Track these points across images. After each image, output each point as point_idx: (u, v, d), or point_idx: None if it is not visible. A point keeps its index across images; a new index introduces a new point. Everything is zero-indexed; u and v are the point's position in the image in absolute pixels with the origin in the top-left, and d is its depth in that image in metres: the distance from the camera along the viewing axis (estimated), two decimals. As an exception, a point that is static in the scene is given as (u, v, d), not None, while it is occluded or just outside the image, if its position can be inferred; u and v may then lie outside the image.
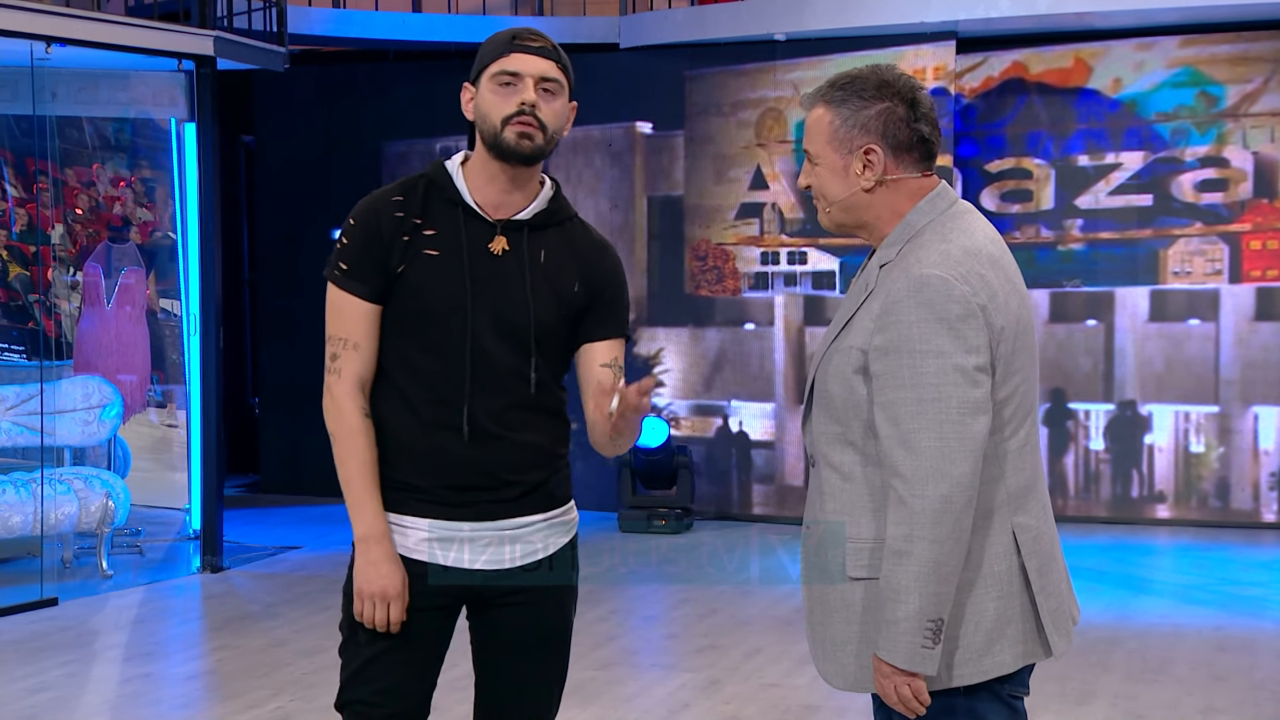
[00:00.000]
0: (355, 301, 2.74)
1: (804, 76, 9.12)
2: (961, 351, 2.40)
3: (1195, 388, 8.96)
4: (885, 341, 2.43)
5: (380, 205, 2.76)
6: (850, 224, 2.60)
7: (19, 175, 8.07)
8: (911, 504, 2.39)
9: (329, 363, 2.77)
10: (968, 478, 2.39)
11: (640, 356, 9.57)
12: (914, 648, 2.40)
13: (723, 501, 9.45)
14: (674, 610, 7.00)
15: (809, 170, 2.60)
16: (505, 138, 2.70)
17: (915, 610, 2.39)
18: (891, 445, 2.41)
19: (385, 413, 2.77)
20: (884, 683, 2.45)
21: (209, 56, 7.69)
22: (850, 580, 2.52)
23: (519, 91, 2.70)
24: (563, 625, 2.92)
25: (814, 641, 2.61)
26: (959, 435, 2.39)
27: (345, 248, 2.75)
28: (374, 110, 10.02)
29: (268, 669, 5.82)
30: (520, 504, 2.81)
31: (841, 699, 5.27)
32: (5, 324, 8.07)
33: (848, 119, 2.52)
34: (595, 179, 9.67)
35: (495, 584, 2.80)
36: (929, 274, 2.43)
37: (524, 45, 2.72)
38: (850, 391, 2.49)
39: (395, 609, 2.72)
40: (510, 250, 2.76)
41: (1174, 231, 8.98)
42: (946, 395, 2.39)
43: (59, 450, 7.85)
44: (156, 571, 7.80)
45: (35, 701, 5.38)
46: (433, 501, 2.76)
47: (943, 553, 2.38)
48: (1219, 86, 8.86)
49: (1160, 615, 6.74)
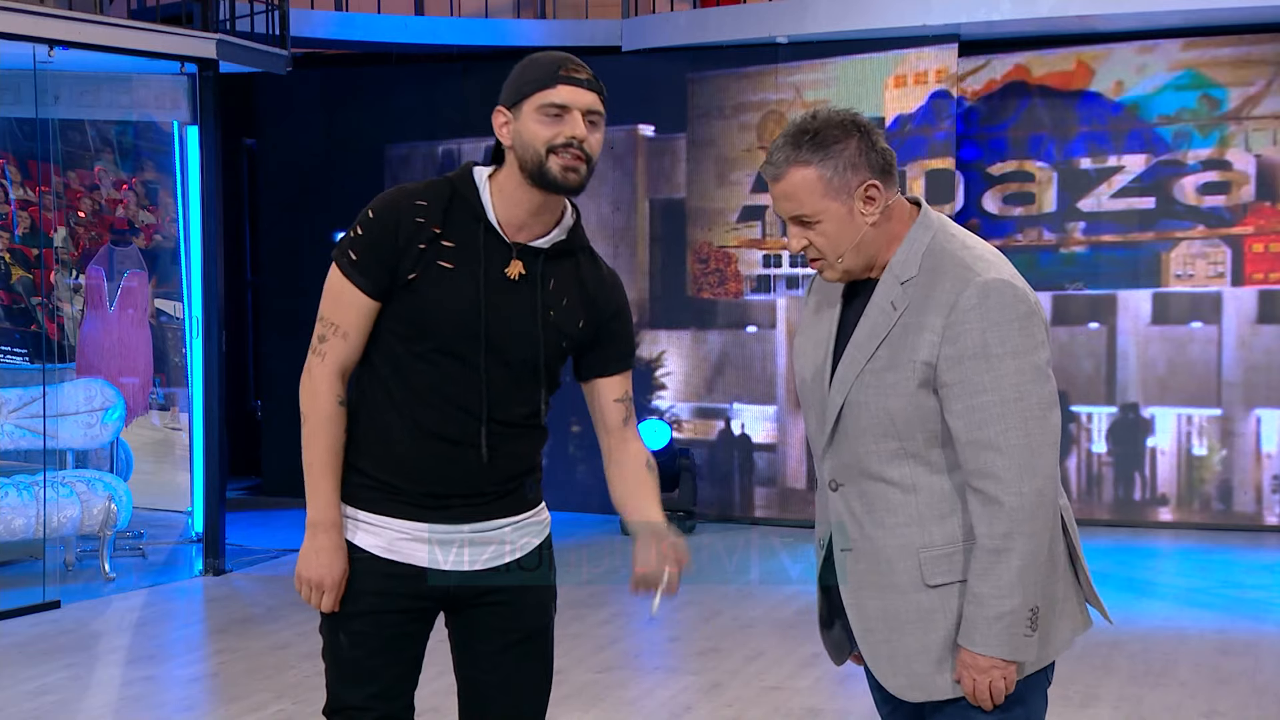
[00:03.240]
0: (355, 292, 2.73)
1: (806, 79, 9.13)
2: (1033, 349, 2.49)
3: (1197, 390, 8.95)
4: (958, 351, 2.48)
5: (403, 205, 2.73)
6: (860, 266, 2.60)
7: (22, 178, 8.07)
8: (1008, 502, 2.46)
9: (315, 343, 2.76)
10: (1053, 469, 2.49)
11: (642, 359, 9.57)
12: (1018, 639, 2.49)
13: (725, 504, 9.45)
14: (676, 613, 7.00)
15: (801, 233, 2.57)
16: (550, 168, 2.67)
17: (1020, 603, 2.48)
18: (977, 449, 2.48)
19: (364, 404, 2.78)
20: (979, 678, 2.51)
21: (211, 59, 7.70)
22: (926, 589, 2.56)
23: (566, 124, 2.67)
24: (543, 625, 2.90)
25: (881, 659, 2.62)
26: (1042, 430, 2.48)
27: (359, 238, 2.73)
28: (376, 113, 10.02)
29: (270, 672, 5.82)
30: (494, 507, 2.82)
31: (843, 701, 5.27)
32: (8, 327, 8.08)
33: (836, 166, 2.52)
34: (597, 182, 9.65)
35: (471, 584, 2.80)
36: (991, 279, 2.49)
37: (572, 77, 2.69)
38: (916, 406, 2.53)
39: (328, 598, 2.75)
40: (525, 276, 2.75)
41: (1176, 234, 8.97)
42: (1027, 393, 2.47)
43: (61, 453, 7.85)
44: (159, 574, 7.80)
45: (38, 704, 5.38)
46: (408, 503, 2.77)
47: (1039, 545, 2.48)
48: (1221, 89, 8.86)
49: (1163, 618, 6.74)
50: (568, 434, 9.44)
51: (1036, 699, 2.63)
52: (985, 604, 2.48)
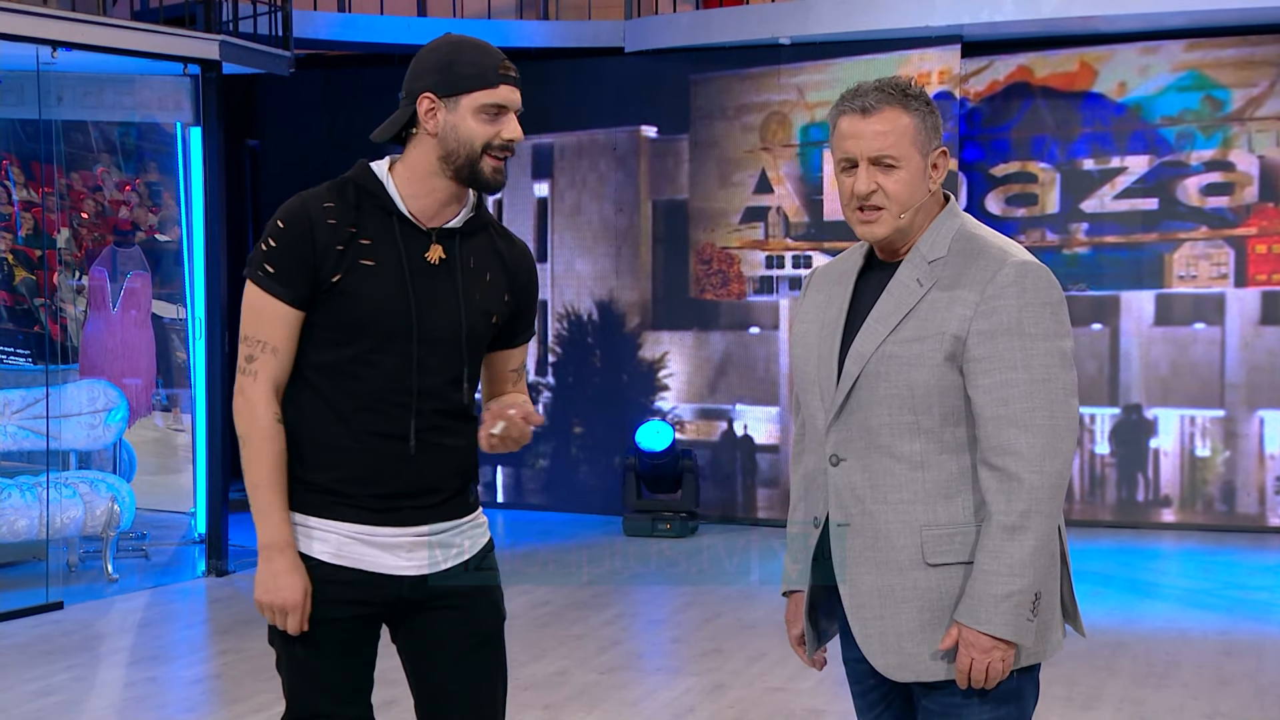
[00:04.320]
0: (278, 305, 2.69)
1: (809, 80, 9.13)
2: (1063, 335, 2.53)
3: (1201, 392, 8.95)
4: (992, 326, 2.50)
5: (312, 210, 2.69)
6: (907, 231, 2.60)
7: (25, 179, 8.08)
8: (1030, 480, 2.46)
9: (243, 364, 2.72)
10: (1071, 455, 2.51)
11: (645, 360, 9.57)
12: (1022, 620, 2.48)
13: (727, 505, 9.44)
14: (679, 614, 7.00)
15: (874, 176, 2.56)
16: (483, 168, 2.69)
17: (1029, 584, 2.47)
18: (1001, 425, 2.48)
19: (302, 418, 2.73)
20: (979, 657, 2.49)
21: (214, 61, 7.70)
22: (926, 567, 2.55)
23: (503, 124, 2.69)
24: (497, 626, 2.88)
25: (869, 637, 2.60)
26: (1066, 414, 2.50)
27: (272, 250, 2.69)
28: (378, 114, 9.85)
29: (272, 673, 5.78)
30: (442, 510, 2.79)
31: (846, 704, 5.26)
32: (11, 328, 8.08)
33: (926, 122, 2.57)
34: (600, 183, 9.68)
35: (425, 588, 2.77)
36: (1029, 261, 2.54)
37: (509, 76, 2.70)
38: (939, 378, 2.53)
39: (293, 620, 2.70)
40: (445, 260, 2.74)
41: (1179, 235, 8.97)
42: (1054, 376, 2.50)
43: (64, 454, 7.86)
44: (161, 575, 7.80)
45: (41, 705, 5.39)
46: (356, 507, 2.73)
47: (1053, 527, 2.49)
48: (1224, 90, 8.86)
49: (1166, 619, 6.73)
50: (569, 435, 9.44)
51: (1028, 697, 2.61)
52: (994, 581, 2.46)
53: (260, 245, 2.71)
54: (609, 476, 9.48)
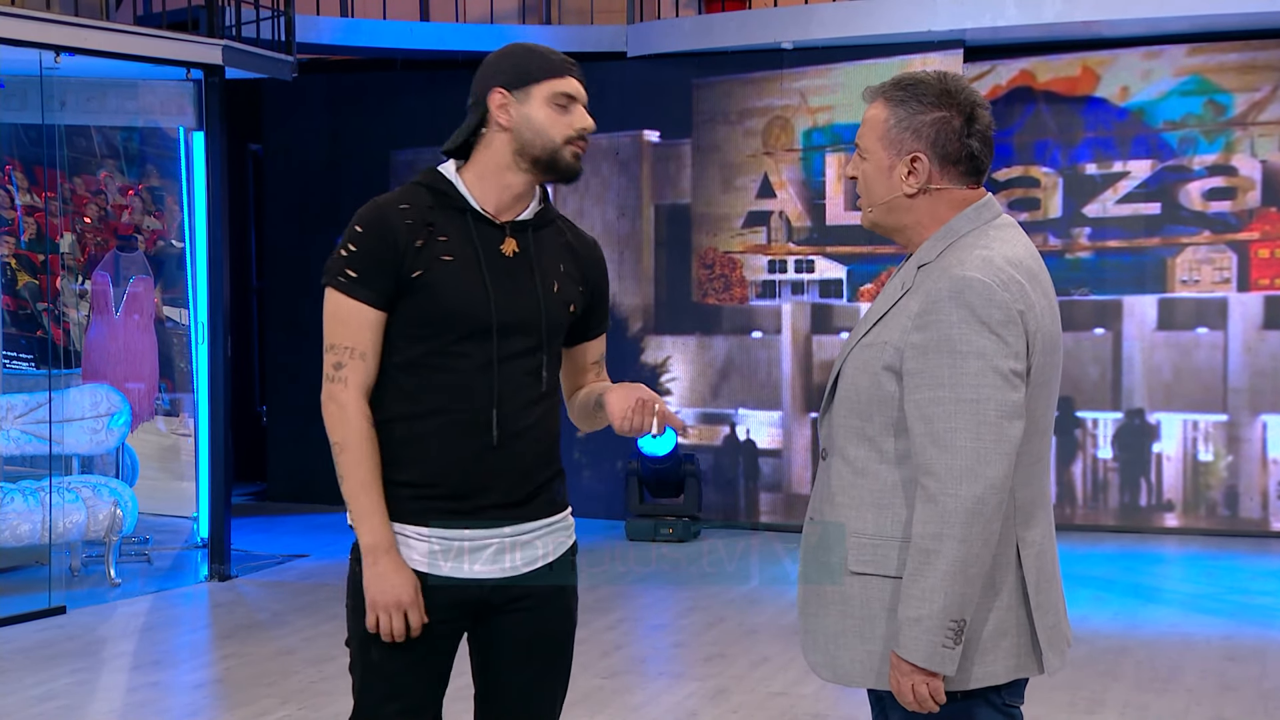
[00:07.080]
0: (362, 309, 2.71)
1: (811, 85, 9.13)
2: (1002, 355, 2.40)
3: (1203, 396, 8.94)
4: (924, 340, 2.43)
5: (389, 211, 2.74)
6: (888, 226, 2.59)
7: (28, 184, 8.09)
8: (943, 502, 2.38)
9: (332, 371, 2.74)
10: (1001, 481, 2.39)
11: (647, 365, 9.57)
12: (935, 647, 2.40)
13: (730, 509, 9.44)
14: (681, 618, 7.00)
15: (856, 162, 2.61)
16: (564, 157, 2.75)
17: (940, 609, 2.39)
18: (924, 443, 2.41)
19: (388, 418, 2.75)
20: (902, 680, 2.45)
21: (217, 65, 7.72)
22: (850, 575, 2.53)
23: (573, 115, 2.76)
24: (568, 630, 2.93)
25: (805, 632, 2.63)
26: (995, 437, 2.39)
27: (353, 254, 2.71)
28: (382, 119, 10.03)
29: (275, 677, 5.82)
30: (525, 509, 2.81)
31: (848, 708, 5.26)
32: (14, 332, 8.09)
33: (902, 120, 2.52)
34: (602, 187, 9.68)
35: (502, 590, 2.80)
36: (971, 276, 2.43)
37: (574, 69, 2.78)
38: (877, 387, 2.50)
39: (412, 616, 2.71)
40: (520, 251, 2.79)
41: (1182, 240, 8.97)
42: (986, 397, 2.39)
43: (67, 458, 7.86)
44: (164, 580, 7.80)
45: (43, 710, 5.39)
46: (443, 511, 2.75)
47: (971, 553, 2.38)
48: (1227, 95, 8.86)
49: (1169, 624, 6.73)
50: (572, 439, 9.44)
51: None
52: (909, 604, 2.41)
53: (339, 252, 2.74)
54: (611, 480, 9.48)
